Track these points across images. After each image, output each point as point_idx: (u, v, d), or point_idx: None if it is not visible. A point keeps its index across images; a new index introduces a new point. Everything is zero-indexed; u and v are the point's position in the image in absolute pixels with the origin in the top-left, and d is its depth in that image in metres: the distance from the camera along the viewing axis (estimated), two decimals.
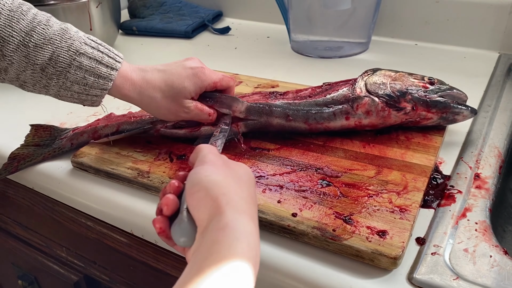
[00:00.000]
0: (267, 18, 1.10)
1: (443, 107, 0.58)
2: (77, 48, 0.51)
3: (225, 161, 0.42)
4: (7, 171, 0.61)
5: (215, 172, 0.39)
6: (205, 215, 0.36)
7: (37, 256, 0.84)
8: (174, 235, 0.38)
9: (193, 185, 0.38)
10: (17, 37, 0.49)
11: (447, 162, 0.57)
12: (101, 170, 0.58)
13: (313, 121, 0.59)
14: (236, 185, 0.38)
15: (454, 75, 0.79)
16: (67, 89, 0.52)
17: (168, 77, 0.55)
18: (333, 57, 0.91)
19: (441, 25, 0.91)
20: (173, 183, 0.41)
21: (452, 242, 0.45)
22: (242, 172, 0.41)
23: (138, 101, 0.55)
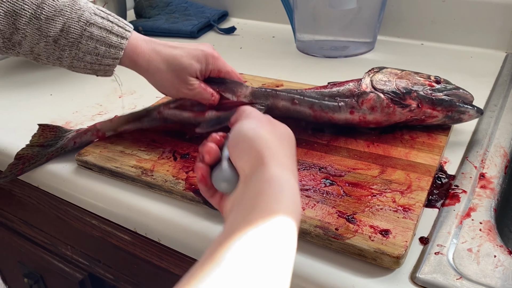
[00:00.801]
0: (272, 18, 1.10)
1: (448, 106, 0.57)
2: (87, 18, 0.52)
3: (269, 119, 0.42)
4: (13, 173, 0.61)
5: (260, 126, 0.39)
6: (248, 165, 0.36)
7: (43, 255, 0.84)
8: (216, 180, 0.38)
9: (238, 136, 0.39)
10: (29, 10, 0.50)
11: (452, 162, 0.56)
12: (105, 168, 0.58)
13: (318, 108, 0.59)
14: (279, 142, 0.39)
15: (460, 75, 0.78)
16: (80, 59, 0.53)
17: (177, 52, 0.56)
18: (338, 56, 0.91)
19: (447, 24, 0.90)
20: (214, 136, 0.42)
21: (456, 242, 0.45)
22: (285, 132, 0.42)
23: (145, 70, 0.56)
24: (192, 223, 0.51)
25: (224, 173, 0.38)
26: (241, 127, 0.40)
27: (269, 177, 0.34)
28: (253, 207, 0.32)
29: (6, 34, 0.51)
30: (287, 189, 0.34)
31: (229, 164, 0.39)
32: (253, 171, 0.35)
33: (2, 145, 0.69)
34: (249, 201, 0.33)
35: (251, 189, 0.34)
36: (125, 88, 0.84)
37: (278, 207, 0.32)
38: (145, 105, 0.74)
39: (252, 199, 0.33)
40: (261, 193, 0.33)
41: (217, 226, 0.50)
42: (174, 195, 0.54)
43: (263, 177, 0.34)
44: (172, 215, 0.53)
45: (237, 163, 0.38)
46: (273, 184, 0.33)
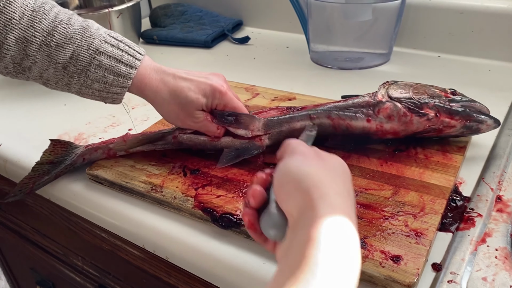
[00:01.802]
0: (287, 27, 1.10)
1: (466, 115, 0.56)
2: (97, 46, 0.52)
3: (317, 152, 0.39)
4: (22, 192, 0.61)
5: (306, 163, 0.36)
6: (295, 208, 0.33)
7: (55, 264, 0.85)
8: (264, 227, 0.36)
9: (282, 176, 0.36)
10: (40, 37, 0.50)
11: (467, 183, 0.55)
12: (116, 183, 0.58)
13: (335, 116, 0.58)
14: (329, 177, 0.35)
15: (478, 89, 0.76)
16: (88, 87, 0.53)
17: (185, 85, 0.56)
18: (353, 68, 0.90)
19: (465, 36, 0.88)
20: (260, 175, 0.40)
21: (470, 270, 0.43)
22: (336, 164, 0.38)
23: (152, 100, 0.57)
24: (200, 242, 0.50)
25: (272, 219, 0.35)
26: (285, 165, 0.36)
27: (318, 224, 0.30)
28: (300, 261, 0.28)
29: (17, 60, 0.51)
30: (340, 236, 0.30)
31: (277, 208, 0.35)
32: (301, 215, 0.32)
33: (16, 156, 0.69)
34: (296, 252, 0.29)
35: (299, 238, 0.30)
36: (138, 99, 0.83)
37: (330, 262, 0.28)
38: (157, 117, 0.75)
39: (299, 250, 0.29)
40: (309, 244, 0.28)
41: (225, 246, 0.49)
42: (183, 213, 0.53)
43: (311, 223, 0.30)
44: (181, 233, 0.52)
45: (284, 206, 0.34)
46: (325, 230, 0.29)
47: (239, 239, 0.50)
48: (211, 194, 0.54)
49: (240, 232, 0.49)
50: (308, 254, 0.28)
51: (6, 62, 0.51)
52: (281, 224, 0.34)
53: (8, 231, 0.93)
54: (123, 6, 0.93)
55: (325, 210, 0.31)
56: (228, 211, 0.51)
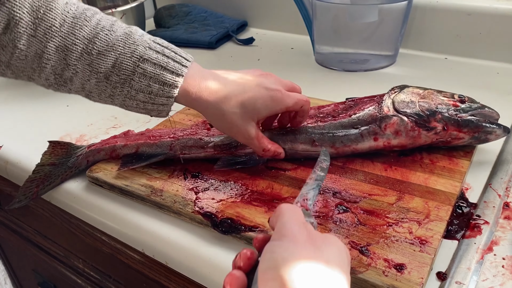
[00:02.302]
0: (292, 29, 1.09)
1: (474, 127, 0.55)
2: (140, 53, 0.49)
3: (310, 235, 0.34)
4: (27, 197, 0.60)
5: (295, 255, 0.31)
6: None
7: (56, 266, 0.84)
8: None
9: (267, 269, 0.31)
10: (80, 45, 0.48)
11: (474, 189, 0.54)
12: (116, 186, 0.58)
13: (340, 145, 0.56)
14: (321, 274, 0.30)
15: (486, 92, 0.75)
16: (132, 98, 0.50)
17: (241, 95, 0.51)
18: (358, 70, 0.89)
19: (473, 38, 0.87)
20: (244, 253, 0.35)
21: (476, 279, 0.42)
22: (331, 254, 0.32)
23: (203, 111, 0.52)
24: (200, 247, 0.50)
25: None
26: (271, 254, 0.31)
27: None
28: None
29: (58, 70, 0.48)
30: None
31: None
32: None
33: (17, 158, 0.69)
34: None
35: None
36: None
37: None
38: (159, 119, 0.74)
39: None
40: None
41: (225, 252, 0.48)
42: (183, 217, 0.53)
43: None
44: (181, 238, 0.51)
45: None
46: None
47: (239, 244, 0.49)
48: (211, 198, 0.53)
49: (241, 238, 0.49)
50: None
51: (47, 73, 0.49)
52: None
53: (10, 233, 0.93)
54: (127, 7, 0.92)
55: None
56: (228, 216, 0.50)
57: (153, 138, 0.62)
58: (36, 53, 0.47)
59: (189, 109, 0.74)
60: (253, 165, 0.58)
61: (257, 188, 0.54)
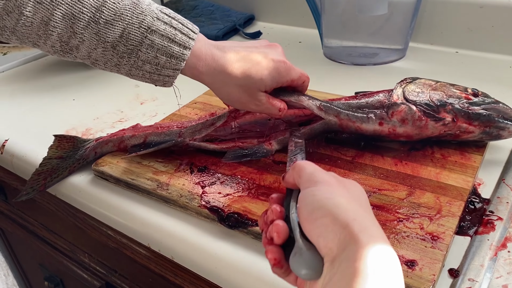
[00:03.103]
0: (299, 22, 1.07)
1: (486, 121, 0.53)
2: (148, 24, 0.48)
3: (338, 180, 0.37)
4: (34, 189, 0.60)
5: (336, 194, 0.34)
6: (334, 243, 0.31)
7: (62, 260, 0.84)
8: (295, 267, 0.33)
9: (315, 209, 0.33)
10: (87, 13, 0.46)
11: (487, 184, 0.52)
12: (121, 180, 0.57)
13: (344, 117, 0.55)
14: (361, 208, 0.34)
15: (497, 86, 0.73)
16: (139, 68, 0.50)
17: (246, 66, 0.51)
18: (367, 64, 0.87)
19: (485, 32, 0.85)
20: (275, 209, 0.37)
21: (489, 277, 0.41)
22: (358, 192, 0.36)
23: (210, 84, 0.52)
24: (206, 242, 0.49)
25: (304, 259, 0.32)
26: (313, 197, 0.34)
27: (363, 255, 0.29)
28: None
29: (64, 38, 0.48)
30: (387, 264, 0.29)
31: (306, 245, 0.33)
32: (343, 249, 0.30)
33: (23, 151, 0.69)
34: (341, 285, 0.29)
35: (343, 272, 0.29)
36: (147, 94, 0.82)
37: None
38: (165, 113, 0.73)
39: (345, 283, 0.28)
40: (357, 276, 0.28)
41: (231, 247, 0.48)
42: (189, 211, 0.52)
43: (356, 256, 0.29)
44: (187, 232, 0.51)
45: (321, 242, 0.32)
46: (369, 263, 0.29)
47: (246, 239, 0.48)
48: (218, 192, 0.52)
49: (248, 232, 0.48)
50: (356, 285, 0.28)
51: (53, 40, 0.48)
52: (315, 263, 0.32)
53: (17, 226, 0.92)
54: None
55: (368, 241, 0.30)
56: (235, 210, 0.49)
57: (162, 128, 0.61)
58: (42, 20, 0.46)
59: (196, 103, 0.73)
60: (261, 157, 0.57)
61: (264, 182, 0.54)
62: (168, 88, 0.55)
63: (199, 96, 0.75)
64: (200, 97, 0.75)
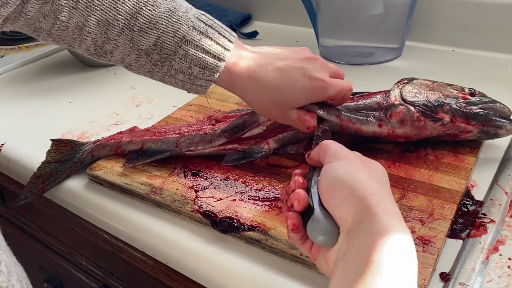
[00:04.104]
0: (296, 21, 1.07)
1: (484, 120, 0.53)
2: (184, 34, 0.47)
3: (361, 158, 0.38)
4: (33, 193, 0.60)
5: (357, 170, 0.35)
6: (351, 215, 0.33)
7: (61, 262, 0.85)
8: (312, 232, 0.34)
9: (334, 182, 0.35)
10: (122, 20, 0.46)
11: (480, 186, 0.52)
12: (115, 184, 0.57)
13: (345, 117, 0.55)
14: (380, 185, 0.35)
15: (494, 85, 0.73)
16: (172, 76, 0.50)
17: (281, 83, 0.49)
18: (363, 63, 0.87)
19: (481, 30, 0.84)
20: (298, 180, 0.39)
21: (480, 281, 0.41)
22: (380, 172, 0.37)
23: (242, 96, 0.52)
24: (199, 247, 0.49)
25: (321, 225, 0.34)
26: (334, 171, 0.36)
27: (381, 229, 0.30)
28: (366, 264, 0.29)
29: (98, 42, 0.48)
30: (402, 239, 0.31)
31: (324, 213, 0.34)
32: (359, 222, 0.32)
33: (19, 155, 0.69)
34: (360, 257, 0.30)
35: (361, 244, 0.31)
36: (143, 96, 0.83)
37: (397, 263, 0.29)
38: (161, 115, 0.73)
39: (363, 254, 0.30)
40: (374, 248, 0.29)
41: (224, 251, 0.48)
42: (183, 216, 0.52)
43: (373, 229, 0.31)
44: (180, 237, 0.51)
45: (337, 213, 0.34)
46: (386, 236, 0.30)
47: (239, 244, 0.48)
48: (211, 197, 0.52)
49: (240, 237, 0.48)
50: (374, 256, 0.29)
51: (88, 44, 0.48)
52: (331, 231, 0.34)
53: (16, 229, 0.93)
54: None
55: (384, 216, 0.31)
56: (228, 215, 0.49)
57: (159, 134, 0.61)
58: (77, 25, 0.47)
59: (191, 105, 0.73)
60: (260, 157, 0.56)
61: (258, 186, 0.54)
62: (163, 90, 0.55)
63: (195, 98, 0.75)
64: (195, 99, 0.75)
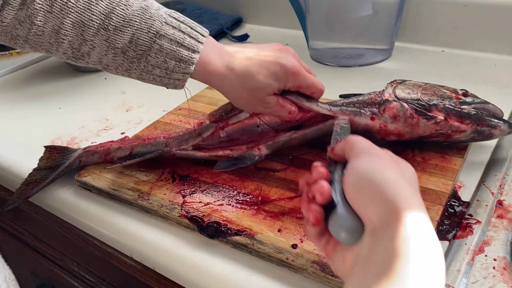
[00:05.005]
0: (287, 24, 1.07)
1: (478, 119, 0.53)
2: (157, 29, 0.48)
3: (392, 157, 0.36)
4: (20, 198, 0.60)
5: (388, 169, 0.33)
6: (376, 215, 0.31)
7: (53, 268, 0.84)
8: (335, 228, 0.33)
9: (363, 178, 0.33)
10: (97, 21, 0.47)
11: (467, 187, 0.52)
12: (103, 190, 0.57)
13: (337, 110, 0.55)
14: (411, 188, 0.33)
15: (483, 85, 0.73)
16: (149, 72, 0.50)
17: (254, 70, 0.50)
18: (353, 65, 0.87)
19: (470, 30, 0.85)
20: (321, 171, 0.37)
21: (466, 282, 0.41)
22: (411, 173, 0.36)
23: (219, 87, 0.53)
24: (187, 252, 0.49)
25: (344, 221, 0.32)
26: (364, 166, 0.34)
27: (407, 235, 0.28)
28: (386, 273, 0.27)
29: (75, 45, 0.48)
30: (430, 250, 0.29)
31: (347, 208, 0.33)
32: (385, 224, 0.30)
33: (8, 162, 0.69)
34: (381, 262, 0.28)
35: (383, 247, 0.29)
36: (134, 101, 0.82)
37: (420, 277, 0.27)
38: (150, 120, 0.73)
39: (386, 260, 0.28)
40: (397, 256, 0.27)
41: (212, 256, 0.48)
42: (170, 221, 0.52)
43: (399, 234, 0.29)
44: (168, 242, 0.51)
45: (361, 210, 0.32)
46: (412, 245, 0.28)
47: (226, 248, 0.48)
48: (198, 202, 0.52)
49: (227, 241, 0.48)
50: (396, 267, 0.27)
51: (65, 47, 0.49)
52: (355, 228, 0.32)
53: (8, 236, 0.92)
54: None
55: (413, 223, 0.29)
56: (215, 220, 0.49)
57: (148, 140, 0.61)
58: (53, 29, 0.47)
59: (180, 109, 0.73)
60: (251, 163, 0.56)
61: (245, 190, 0.54)
62: (154, 94, 0.55)
63: (184, 103, 0.75)
64: (184, 103, 0.75)
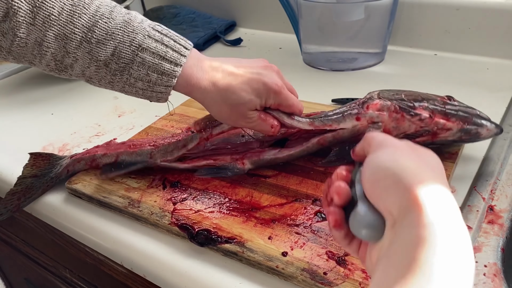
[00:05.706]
0: (280, 28, 1.07)
1: (464, 117, 0.53)
2: (139, 42, 0.48)
3: (410, 146, 0.34)
4: (8, 209, 0.59)
5: (404, 157, 0.32)
6: (396, 206, 0.29)
7: (46, 275, 0.84)
8: (355, 225, 0.32)
9: (377, 171, 0.32)
10: (79, 34, 0.47)
11: (459, 192, 0.52)
12: (94, 198, 0.57)
13: (319, 124, 0.55)
14: (431, 173, 0.31)
15: (475, 89, 0.73)
16: (131, 85, 0.50)
17: (236, 85, 0.51)
18: (346, 69, 0.87)
19: (462, 33, 0.85)
20: (340, 172, 0.36)
21: None
22: (433, 160, 0.33)
23: (201, 101, 0.53)
24: (177, 260, 0.49)
25: (364, 218, 0.31)
26: (378, 159, 0.33)
27: (428, 222, 0.27)
28: (409, 264, 0.26)
29: (58, 57, 0.49)
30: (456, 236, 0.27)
31: (367, 205, 0.32)
32: (404, 214, 0.29)
33: None
34: (403, 253, 0.27)
35: (404, 238, 0.27)
36: (126, 106, 0.82)
37: (444, 265, 0.25)
38: (142, 126, 0.73)
39: (408, 252, 0.26)
40: (420, 246, 0.26)
41: (202, 265, 0.47)
42: (160, 229, 0.52)
43: (419, 222, 0.27)
44: (158, 250, 0.50)
45: (380, 204, 0.31)
46: (433, 232, 0.26)
47: (216, 256, 0.48)
48: (189, 209, 0.52)
49: (217, 249, 0.47)
50: (420, 256, 0.26)
51: (48, 59, 0.49)
52: (376, 223, 0.31)
53: (1, 242, 0.92)
54: None
55: (433, 209, 0.28)
56: (205, 227, 0.49)
57: (133, 147, 0.61)
58: (36, 41, 0.47)
59: (172, 115, 0.73)
60: (232, 175, 0.56)
61: (236, 197, 0.53)
62: (147, 101, 0.55)
63: (176, 108, 0.75)
64: (177, 109, 0.75)
